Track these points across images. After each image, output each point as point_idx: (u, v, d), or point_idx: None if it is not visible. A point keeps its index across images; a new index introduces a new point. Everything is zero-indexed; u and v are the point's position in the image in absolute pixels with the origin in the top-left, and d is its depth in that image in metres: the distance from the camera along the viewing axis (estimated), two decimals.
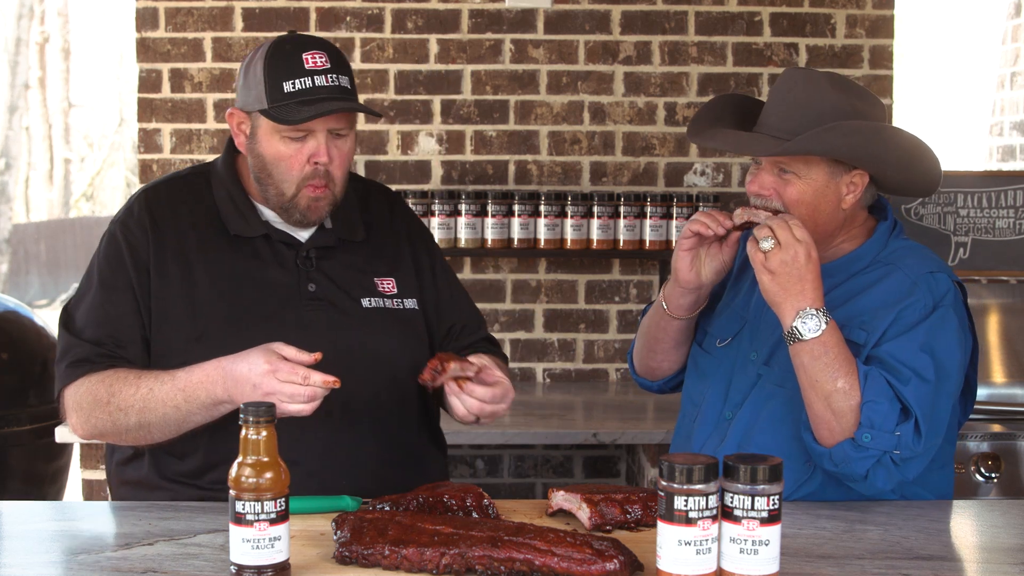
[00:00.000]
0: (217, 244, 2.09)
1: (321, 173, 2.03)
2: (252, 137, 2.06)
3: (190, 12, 3.80)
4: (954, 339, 2.01)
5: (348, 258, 2.15)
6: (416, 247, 2.25)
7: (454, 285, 2.30)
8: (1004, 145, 5.09)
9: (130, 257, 2.07)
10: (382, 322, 2.12)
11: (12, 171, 16.24)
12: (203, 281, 2.06)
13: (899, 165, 2.08)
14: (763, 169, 2.08)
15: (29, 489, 3.72)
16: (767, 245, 1.96)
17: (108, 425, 2.01)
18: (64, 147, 20.80)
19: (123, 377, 2.00)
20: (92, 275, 2.11)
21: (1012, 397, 3.58)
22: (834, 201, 2.07)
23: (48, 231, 17.10)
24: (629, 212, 3.73)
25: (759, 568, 1.50)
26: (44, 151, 20.10)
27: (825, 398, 1.93)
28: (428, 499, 1.82)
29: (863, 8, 3.85)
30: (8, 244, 15.43)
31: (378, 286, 2.16)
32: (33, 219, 19.12)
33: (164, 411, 1.96)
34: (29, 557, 1.72)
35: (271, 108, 1.99)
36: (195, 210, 2.12)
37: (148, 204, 2.12)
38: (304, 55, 2.00)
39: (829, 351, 1.92)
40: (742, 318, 2.23)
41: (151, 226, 2.08)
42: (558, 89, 3.86)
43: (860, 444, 1.91)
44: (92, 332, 2.05)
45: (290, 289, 2.08)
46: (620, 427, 3.20)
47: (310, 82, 1.99)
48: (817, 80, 2.06)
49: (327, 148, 2.02)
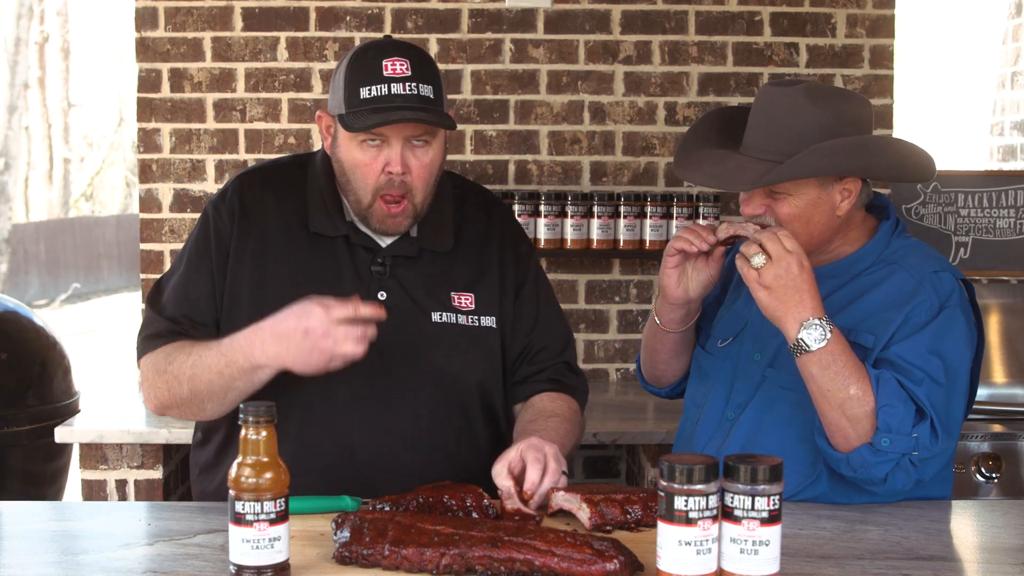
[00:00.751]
0: (297, 239, 2.09)
1: (397, 183, 2.00)
2: (335, 141, 2.05)
3: (190, 12, 3.80)
4: (962, 339, 2.00)
5: (428, 268, 2.11)
6: (506, 261, 2.18)
7: (542, 302, 2.22)
8: (1004, 145, 5.09)
9: (215, 241, 2.09)
10: (451, 338, 2.08)
11: (12, 171, 16.24)
12: (275, 274, 2.07)
13: (890, 166, 2.06)
14: (754, 192, 2.05)
15: (29, 489, 3.72)
16: (759, 261, 1.93)
17: (165, 394, 2.03)
18: (64, 147, 20.80)
19: (181, 347, 2.03)
20: (184, 253, 2.14)
21: (1012, 397, 3.58)
22: (828, 211, 2.04)
23: (48, 231, 17.09)
24: (629, 212, 3.73)
25: (759, 568, 1.50)
26: (44, 151, 20.10)
27: (839, 406, 1.91)
28: (428, 499, 1.82)
29: (863, 8, 3.85)
30: (8, 244, 15.43)
31: (454, 300, 2.11)
32: (33, 219, 19.12)
33: (209, 378, 1.96)
34: (29, 557, 1.72)
35: (346, 114, 1.98)
36: (284, 201, 2.12)
37: (241, 189, 2.13)
38: (385, 61, 1.97)
39: (837, 359, 1.91)
40: (744, 318, 2.23)
41: (239, 212, 2.10)
42: (558, 89, 3.86)
43: (879, 448, 1.90)
44: (172, 310, 2.08)
45: (359, 295, 2.03)
46: (620, 427, 3.20)
47: (386, 89, 1.96)
48: (795, 97, 2.00)
49: (401, 158, 1.99)
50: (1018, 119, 5.00)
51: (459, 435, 2.10)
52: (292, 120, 3.84)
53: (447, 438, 2.08)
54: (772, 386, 2.10)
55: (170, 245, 3.83)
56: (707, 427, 2.19)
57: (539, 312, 2.21)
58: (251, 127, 3.83)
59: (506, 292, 2.16)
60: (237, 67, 3.82)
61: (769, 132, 2.02)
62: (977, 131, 9.32)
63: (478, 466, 2.03)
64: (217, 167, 3.84)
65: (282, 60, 3.82)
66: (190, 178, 3.84)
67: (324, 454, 2.03)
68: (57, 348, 3.85)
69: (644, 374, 2.43)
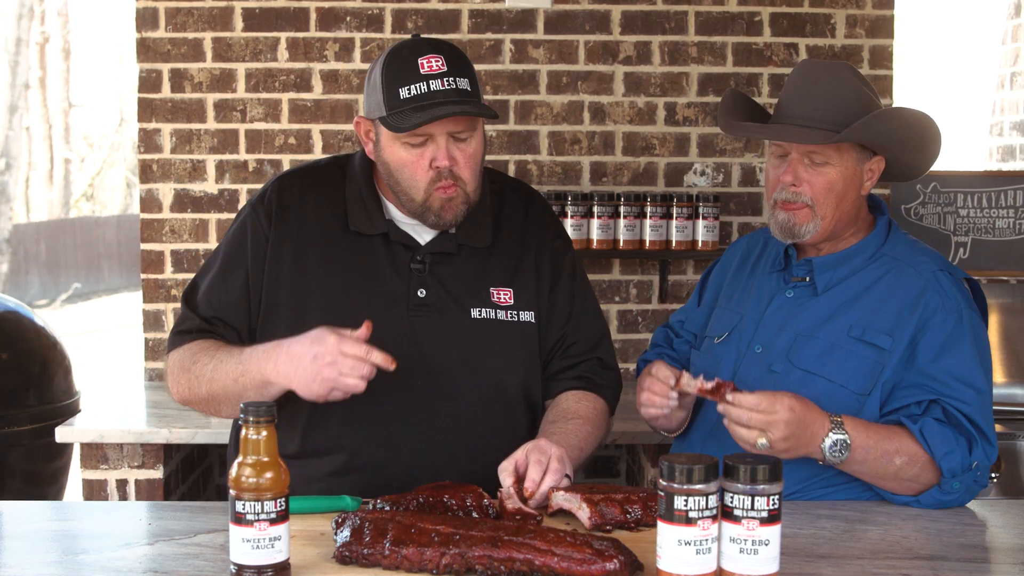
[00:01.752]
0: (336, 239, 2.10)
1: (446, 175, 2.01)
2: (377, 144, 2.06)
3: (190, 12, 3.81)
4: (986, 339, 2.09)
5: (467, 265, 2.12)
6: (543, 255, 2.19)
7: (578, 297, 2.22)
8: (1004, 145, 5.09)
9: (252, 242, 2.11)
10: (491, 334, 2.09)
11: (12, 171, 16.24)
12: (315, 274, 2.08)
13: (912, 145, 2.14)
14: (793, 160, 2.10)
15: (29, 489, 3.72)
16: (764, 443, 1.90)
17: (186, 392, 2.08)
18: (64, 147, 20.80)
19: (207, 347, 2.06)
20: (219, 251, 2.16)
21: (1012, 397, 3.59)
22: (857, 188, 2.12)
23: (48, 231, 17.09)
24: (629, 212, 3.73)
25: (759, 568, 1.50)
26: (44, 151, 20.10)
27: (893, 477, 1.99)
28: (428, 499, 1.82)
29: (863, 8, 3.85)
30: (8, 244, 15.43)
31: (493, 296, 2.12)
32: (33, 219, 19.12)
33: (225, 383, 2.00)
34: (29, 557, 1.72)
35: (388, 115, 1.98)
36: (324, 202, 2.13)
37: (280, 191, 2.14)
38: (420, 59, 1.98)
39: (870, 447, 1.96)
40: (738, 313, 2.23)
41: (277, 214, 2.11)
42: (558, 89, 3.86)
43: (949, 491, 2.00)
44: (204, 309, 2.11)
45: (399, 292, 2.07)
46: (620, 427, 3.20)
47: (425, 87, 1.97)
48: (840, 71, 2.12)
49: (447, 152, 2.00)
50: (1018, 119, 5.00)
51: (502, 431, 2.10)
52: (292, 120, 3.84)
53: (490, 435, 2.08)
54: (786, 382, 2.08)
55: (171, 245, 3.84)
56: (707, 424, 2.19)
57: (574, 305, 2.21)
58: (251, 127, 3.84)
59: (543, 285, 2.17)
60: (237, 67, 3.82)
61: (816, 102, 2.08)
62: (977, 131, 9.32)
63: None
64: (217, 167, 3.84)
65: (282, 60, 3.82)
66: (191, 178, 3.84)
67: (368, 454, 2.04)
68: (58, 348, 3.85)
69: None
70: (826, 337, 2.09)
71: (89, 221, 18.48)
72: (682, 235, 3.74)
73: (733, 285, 2.30)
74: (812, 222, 2.10)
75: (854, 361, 2.06)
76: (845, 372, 2.05)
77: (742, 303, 2.25)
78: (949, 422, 1.99)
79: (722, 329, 2.24)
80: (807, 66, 2.14)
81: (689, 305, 2.42)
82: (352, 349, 1.85)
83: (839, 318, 2.10)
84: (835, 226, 2.12)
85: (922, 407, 2.01)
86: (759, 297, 2.22)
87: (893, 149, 2.13)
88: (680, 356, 2.36)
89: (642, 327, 3.91)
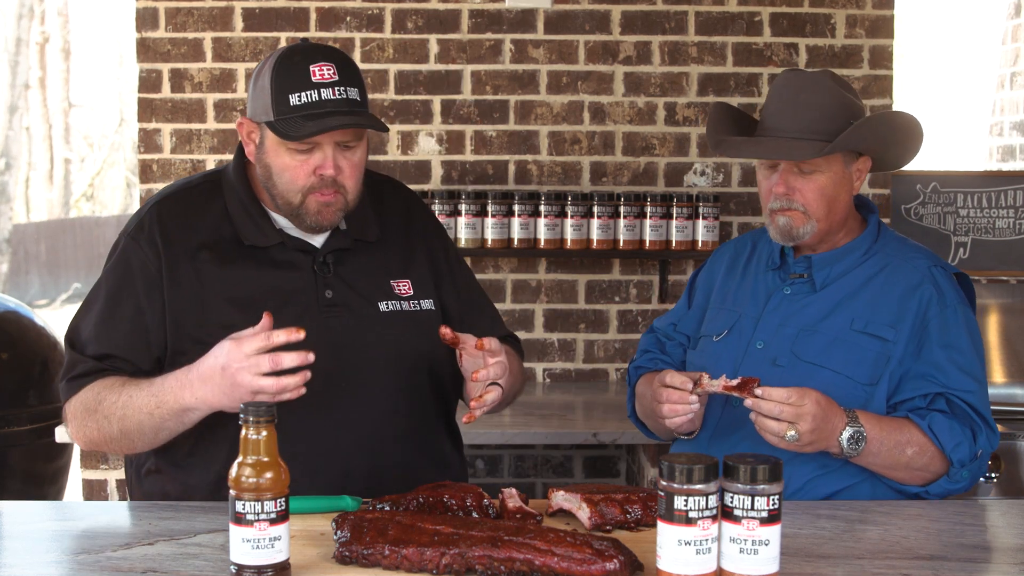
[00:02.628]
0: (232, 255, 2.07)
1: (328, 183, 2.01)
2: (260, 147, 2.04)
3: (190, 12, 3.81)
4: (977, 328, 2.18)
5: (364, 260, 2.13)
6: (432, 245, 2.23)
7: (471, 283, 2.29)
8: (1004, 145, 5.09)
9: (140, 273, 2.05)
10: (401, 325, 2.11)
11: (12, 171, 16.25)
12: (217, 293, 2.04)
13: (896, 143, 2.21)
14: (784, 171, 2.16)
15: (29, 489, 3.72)
16: (793, 436, 1.97)
17: (95, 433, 2.01)
18: (64, 147, 20.79)
19: (110, 385, 2.00)
20: (100, 288, 2.10)
21: (1012, 397, 3.59)
22: (848, 189, 2.19)
23: (48, 231, 17.09)
24: (629, 212, 3.73)
25: (759, 568, 1.50)
26: (44, 151, 20.09)
27: (905, 467, 2.07)
28: (428, 499, 1.82)
29: (863, 8, 3.85)
30: (8, 244, 15.43)
31: (395, 288, 2.14)
32: (33, 219, 19.12)
33: (139, 418, 1.95)
34: (29, 557, 1.72)
35: (276, 121, 1.97)
36: (208, 221, 2.09)
37: (160, 218, 2.08)
38: (312, 67, 1.96)
39: (883, 439, 2.03)
40: (736, 312, 2.24)
41: (163, 241, 2.05)
42: (558, 89, 3.86)
43: (957, 480, 2.08)
44: (94, 348, 2.04)
45: (307, 297, 2.06)
46: (620, 427, 3.20)
47: (316, 95, 1.95)
48: (820, 79, 2.17)
49: (333, 161, 2.00)
50: (1017, 119, 5.00)
51: (417, 417, 2.13)
52: None
53: (410, 422, 2.11)
54: (792, 375, 2.11)
55: None
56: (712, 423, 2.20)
57: (471, 292, 2.27)
58: None
59: (439, 274, 2.21)
60: (237, 67, 3.82)
61: (800, 112, 2.14)
62: (976, 131, 9.32)
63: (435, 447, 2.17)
64: None
65: None
66: None
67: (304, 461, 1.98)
68: (58, 348, 3.85)
69: (644, 423, 2.40)
70: (828, 331, 2.14)
71: (89, 221, 18.47)
72: (682, 235, 3.74)
73: (725, 286, 2.33)
74: (809, 223, 2.17)
75: (858, 353, 2.12)
76: (851, 364, 2.11)
77: (738, 302, 2.27)
78: (954, 414, 2.07)
79: (720, 327, 2.25)
80: (788, 78, 2.19)
81: (679, 309, 2.43)
82: (251, 345, 1.82)
83: (840, 312, 2.16)
84: (831, 227, 2.19)
85: (927, 399, 2.09)
86: (756, 295, 2.25)
87: (879, 150, 2.20)
88: (674, 360, 2.37)
89: (642, 327, 3.91)
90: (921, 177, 4.07)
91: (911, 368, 2.11)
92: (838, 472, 2.11)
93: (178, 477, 2.07)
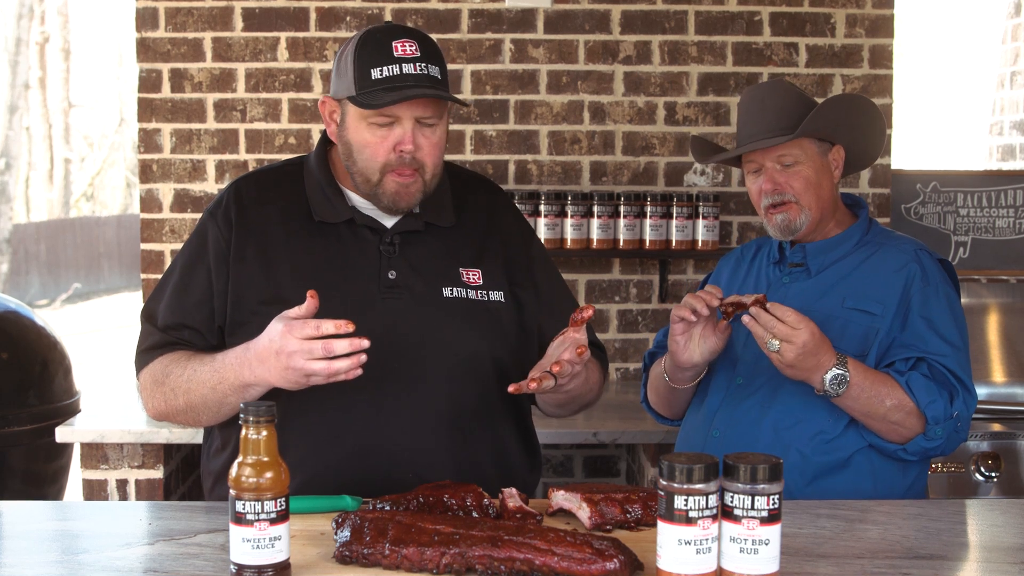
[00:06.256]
0: (301, 232, 2.09)
1: (407, 161, 2.01)
2: (341, 124, 2.06)
3: (190, 12, 3.81)
4: (959, 303, 2.32)
5: (434, 245, 2.12)
6: (513, 241, 2.20)
7: (556, 287, 2.24)
8: (1004, 145, 5.09)
9: (213, 246, 2.10)
10: (463, 313, 2.09)
11: (12, 171, 16.25)
12: (283, 269, 2.06)
13: (859, 125, 2.37)
14: (768, 169, 2.32)
15: (29, 489, 3.72)
16: (775, 345, 2.12)
17: (163, 405, 2.07)
18: (64, 147, 20.81)
19: (177, 359, 2.05)
20: (177, 261, 2.15)
21: (1012, 397, 3.59)
22: (829, 176, 2.35)
23: (48, 231, 17.10)
24: (629, 212, 3.73)
25: (759, 568, 1.50)
26: (44, 151, 20.11)
27: (882, 418, 2.17)
28: (428, 499, 1.82)
29: (863, 8, 3.85)
30: (8, 244, 15.43)
31: (463, 276, 2.12)
32: (33, 219, 19.13)
33: (203, 392, 1.99)
34: (29, 557, 1.72)
35: (358, 94, 1.99)
36: (284, 200, 2.13)
37: (237, 195, 2.14)
38: (394, 43, 1.99)
39: (865, 387, 2.15)
40: None
41: (237, 217, 2.10)
42: (558, 89, 3.86)
43: (933, 437, 2.18)
44: (165, 319, 2.10)
45: (370, 275, 2.06)
46: (620, 427, 3.20)
47: (397, 69, 1.97)
48: (777, 85, 2.39)
49: (413, 136, 2.01)
50: (1017, 119, 5.00)
51: (477, 409, 2.09)
52: (292, 120, 3.84)
53: (467, 414, 2.08)
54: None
55: (171, 245, 3.84)
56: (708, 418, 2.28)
57: (553, 291, 2.23)
58: (251, 127, 3.84)
59: (514, 270, 2.18)
60: (237, 67, 3.83)
61: (767, 116, 2.32)
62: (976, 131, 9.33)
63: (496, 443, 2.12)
64: (217, 167, 3.84)
65: (282, 60, 3.82)
66: (190, 178, 3.84)
67: (351, 440, 2.02)
68: (58, 348, 3.85)
69: (654, 408, 2.55)
70: (822, 309, 2.27)
71: (89, 221, 18.49)
72: (682, 235, 3.74)
73: (731, 282, 2.47)
74: (803, 214, 2.31)
75: (851, 329, 2.26)
76: (844, 339, 2.24)
77: (743, 292, 2.40)
78: (934, 377, 2.18)
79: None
80: (750, 91, 2.39)
81: None
82: (300, 332, 1.83)
83: (832, 294, 2.31)
84: (822, 214, 2.34)
85: (909, 363, 2.21)
86: (757, 285, 2.41)
87: (844, 133, 2.35)
88: None
89: (642, 327, 3.91)
90: (921, 177, 4.07)
91: (896, 338, 2.24)
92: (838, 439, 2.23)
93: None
